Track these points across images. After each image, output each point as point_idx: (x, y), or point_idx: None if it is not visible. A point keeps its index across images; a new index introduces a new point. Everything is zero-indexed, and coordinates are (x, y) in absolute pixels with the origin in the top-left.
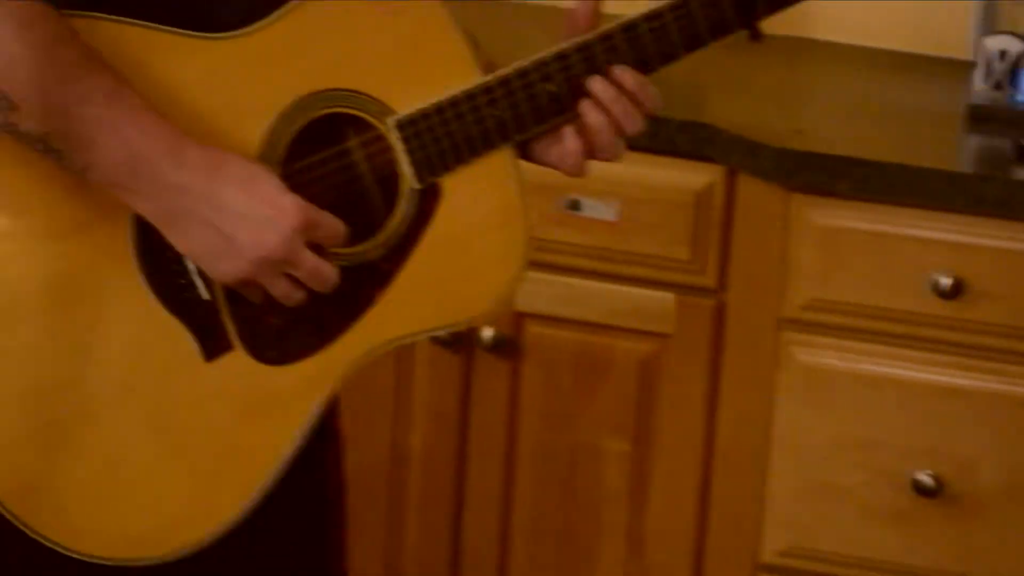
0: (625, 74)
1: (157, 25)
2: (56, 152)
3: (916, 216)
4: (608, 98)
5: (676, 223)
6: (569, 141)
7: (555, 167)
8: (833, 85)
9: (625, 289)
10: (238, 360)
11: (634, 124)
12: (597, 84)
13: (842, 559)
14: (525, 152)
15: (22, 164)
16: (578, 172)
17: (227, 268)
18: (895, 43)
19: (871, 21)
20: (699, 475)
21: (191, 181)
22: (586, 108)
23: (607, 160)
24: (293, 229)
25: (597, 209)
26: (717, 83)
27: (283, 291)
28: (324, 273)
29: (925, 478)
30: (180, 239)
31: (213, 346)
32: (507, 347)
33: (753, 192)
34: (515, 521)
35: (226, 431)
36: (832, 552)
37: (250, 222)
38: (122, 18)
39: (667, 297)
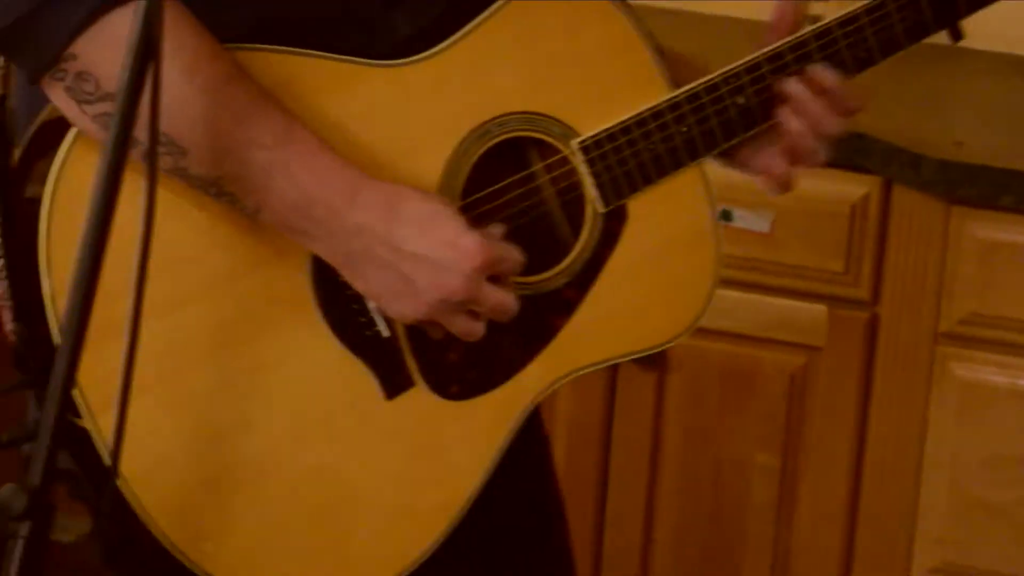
0: (823, 72)
1: (328, 54)
2: (228, 195)
3: None
4: (806, 99)
5: (830, 234)
6: (771, 150)
7: (760, 176)
8: (987, 95)
9: (776, 301)
10: (420, 397)
11: (836, 125)
12: (793, 85)
13: None
14: (730, 161)
15: (196, 207)
16: (784, 184)
17: (406, 310)
18: None
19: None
20: (848, 490)
21: (367, 222)
22: (784, 114)
23: (811, 166)
24: (474, 270)
25: (749, 220)
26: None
27: (463, 328)
28: (506, 306)
29: None
30: (358, 280)
31: (394, 383)
32: (653, 359)
33: (910, 203)
34: (658, 535)
35: (408, 469)
36: (986, 570)
37: (430, 264)
38: (292, 48)
39: (819, 309)
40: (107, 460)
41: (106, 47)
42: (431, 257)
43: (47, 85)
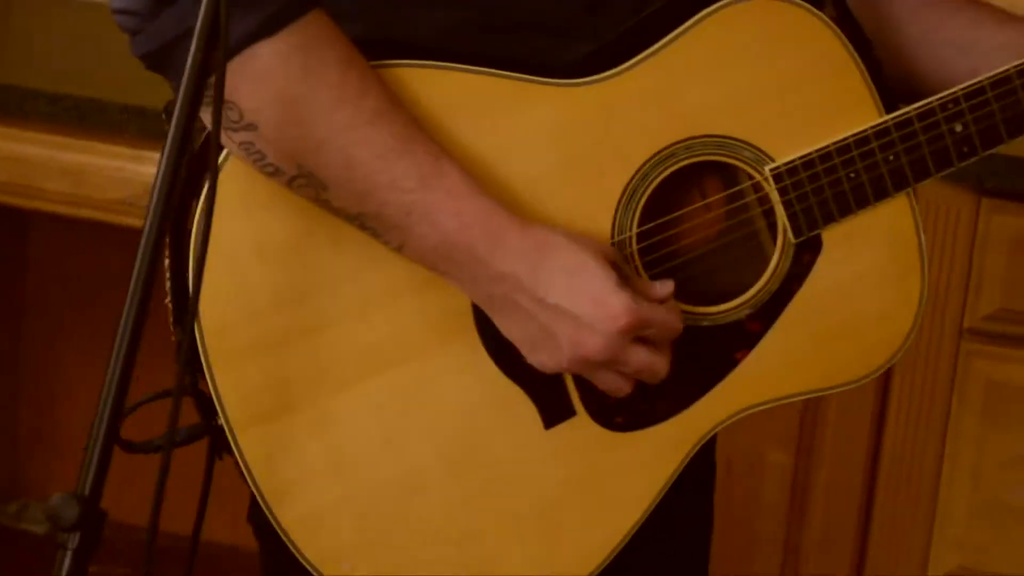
0: None
1: (504, 72)
2: (371, 230)
3: None
4: None
5: None
6: None
7: None
8: None
9: None
10: (581, 427)
11: None
12: None
13: None
14: None
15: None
16: None
17: (547, 361)
18: None
19: None
20: (863, 490)
21: (511, 270)
22: None
23: None
24: (619, 331)
25: None
26: None
27: (609, 386)
28: (655, 369)
29: None
30: (501, 322)
31: (554, 412)
32: None
33: (938, 194)
34: None
35: (565, 500)
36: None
37: (571, 320)
38: (462, 66)
39: None
40: (247, 477)
41: (249, 79)
42: (573, 312)
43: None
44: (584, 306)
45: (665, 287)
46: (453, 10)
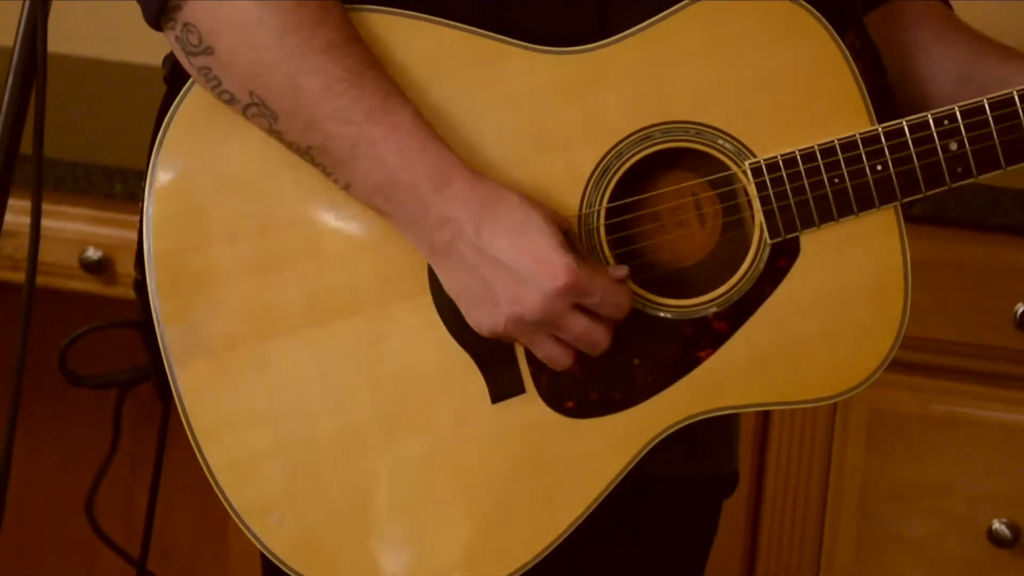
0: None
1: (484, 31)
2: (320, 166)
3: (1001, 242)
4: None
5: None
6: None
7: None
8: None
9: None
10: (530, 407)
11: None
12: None
13: None
14: None
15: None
16: None
17: (483, 319)
18: None
19: None
20: (747, 523)
21: (455, 215)
22: None
23: None
24: (557, 291)
25: None
26: None
27: (546, 353)
28: (594, 339)
29: (1002, 527)
30: (442, 273)
31: (503, 387)
32: None
33: None
34: None
35: (504, 482)
36: None
37: (511, 275)
38: (443, 19)
39: None
40: (183, 422)
41: (202, 1)
42: (512, 267)
43: (165, 31)
44: (525, 262)
45: (618, 270)
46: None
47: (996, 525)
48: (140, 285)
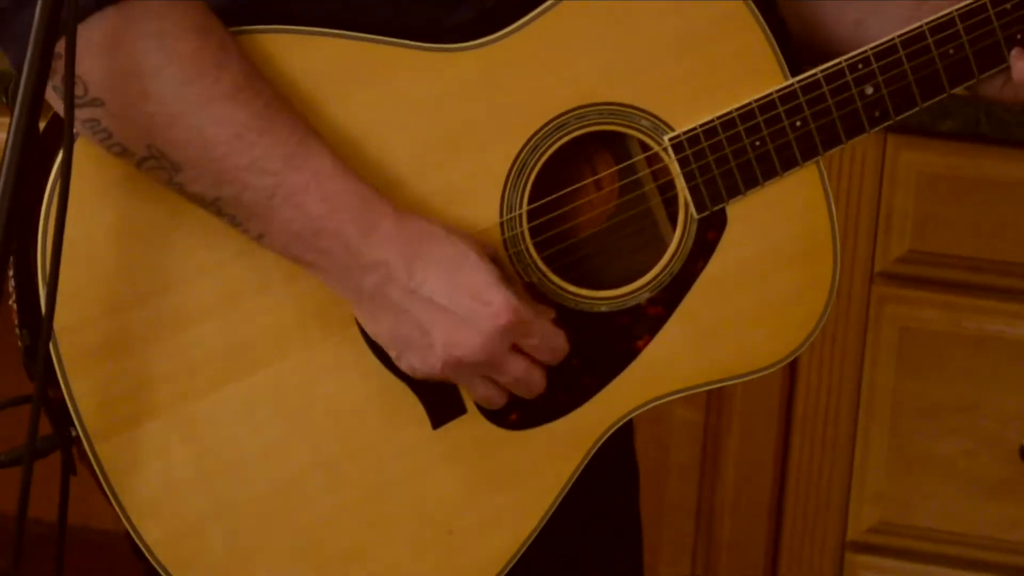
0: None
1: (383, 38)
2: (228, 216)
3: None
4: None
5: None
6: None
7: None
8: None
9: None
10: (473, 426)
11: None
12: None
13: (939, 535)
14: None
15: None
16: None
17: (417, 363)
18: None
19: None
20: (777, 446)
21: (384, 258)
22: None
23: None
24: (497, 331)
25: None
26: None
27: (482, 395)
28: (532, 382)
29: None
30: (369, 322)
31: (442, 411)
32: None
33: None
34: None
35: (460, 506)
36: (928, 528)
37: (448, 316)
38: (335, 31)
39: None
40: (107, 491)
41: (95, 49)
42: (450, 308)
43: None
44: (462, 301)
45: (548, 312)
46: None
47: None
48: (31, 351)
